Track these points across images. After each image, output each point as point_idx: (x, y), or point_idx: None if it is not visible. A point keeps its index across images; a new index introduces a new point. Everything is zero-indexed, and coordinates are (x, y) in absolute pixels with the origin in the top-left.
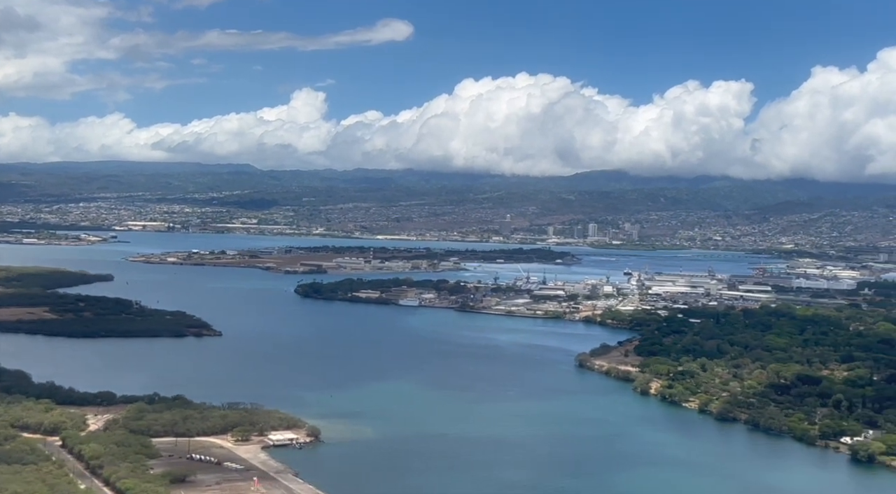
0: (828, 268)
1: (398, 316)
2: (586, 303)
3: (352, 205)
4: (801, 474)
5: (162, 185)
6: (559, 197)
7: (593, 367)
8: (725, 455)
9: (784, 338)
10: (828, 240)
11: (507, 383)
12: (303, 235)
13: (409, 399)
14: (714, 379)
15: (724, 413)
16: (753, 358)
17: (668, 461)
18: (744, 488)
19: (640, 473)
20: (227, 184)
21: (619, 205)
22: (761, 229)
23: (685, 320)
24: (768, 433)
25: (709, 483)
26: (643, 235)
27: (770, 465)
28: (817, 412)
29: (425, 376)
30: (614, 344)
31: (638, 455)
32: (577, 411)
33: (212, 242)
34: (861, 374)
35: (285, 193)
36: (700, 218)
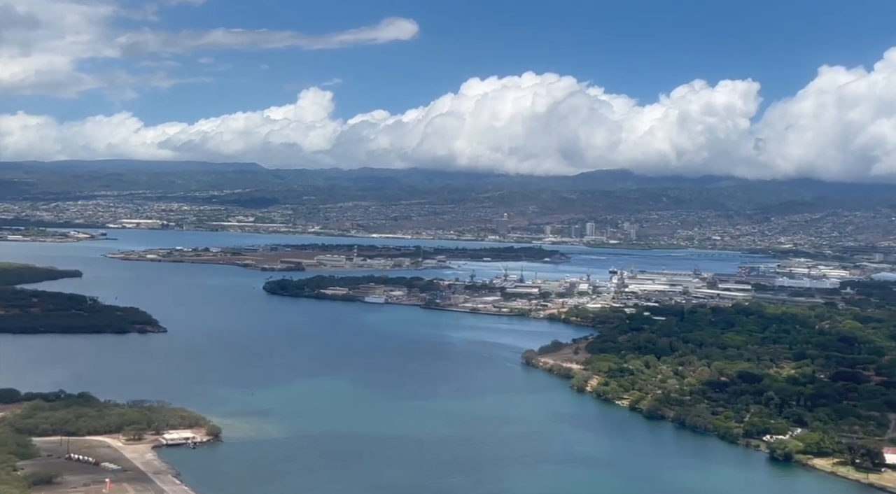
0: (819, 268)
1: (360, 313)
2: (557, 301)
3: (351, 203)
4: (712, 473)
5: (165, 184)
6: (560, 196)
7: (538, 365)
8: (640, 453)
9: (743, 336)
10: (827, 240)
11: (443, 381)
12: (298, 233)
13: (332, 396)
14: (656, 376)
15: (652, 411)
16: (704, 355)
17: (577, 459)
18: (650, 487)
19: (539, 472)
20: (231, 183)
21: (620, 205)
22: (761, 229)
23: (649, 318)
24: (694, 431)
25: (612, 483)
26: (642, 234)
27: (684, 464)
28: (749, 410)
29: (360, 373)
30: (569, 342)
31: (547, 454)
32: (503, 409)
33: (202, 240)
34: (805, 372)
35: (286, 192)
36: (701, 217)
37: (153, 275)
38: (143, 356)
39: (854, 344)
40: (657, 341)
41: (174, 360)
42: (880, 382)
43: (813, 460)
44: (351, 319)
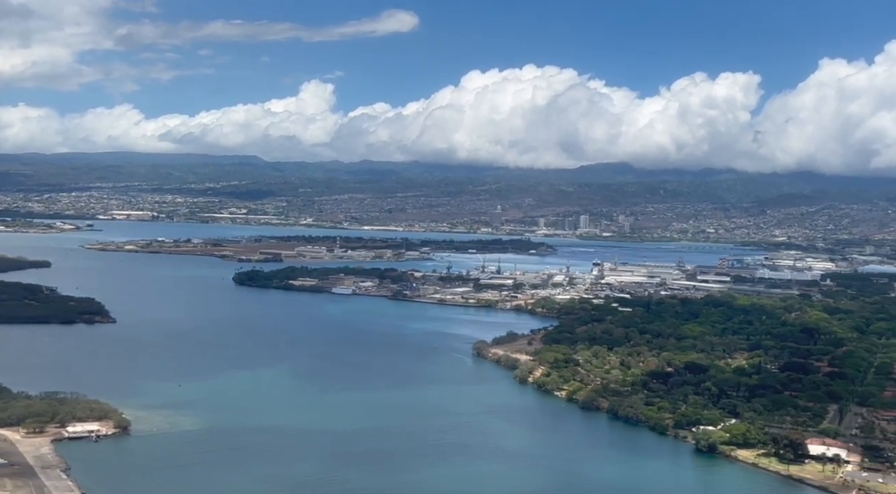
0: (806, 260)
1: (324, 303)
2: (529, 293)
3: (347, 196)
4: (630, 465)
5: (162, 176)
6: (558, 189)
7: (488, 356)
8: (562, 445)
9: (704, 327)
10: (822, 233)
11: (385, 372)
12: (290, 225)
13: (264, 388)
14: (602, 366)
15: (588, 403)
16: (657, 346)
17: (497, 452)
18: (563, 480)
19: (454, 465)
20: (229, 175)
21: (618, 198)
22: (757, 222)
23: (615, 309)
24: (627, 422)
25: (525, 475)
26: (637, 227)
27: (604, 456)
28: (687, 400)
29: (302, 364)
30: (527, 333)
31: (467, 447)
32: (438, 400)
33: (189, 231)
34: (755, 363)
35: (283, 185)
36: (697, 210)
37: (124, 266)
38: (80, 346)
39: (815, 335)
40: (614, 332)
41: (112, 351)
42: (830, 373)
43: (737, 451)
44: (312, 310)
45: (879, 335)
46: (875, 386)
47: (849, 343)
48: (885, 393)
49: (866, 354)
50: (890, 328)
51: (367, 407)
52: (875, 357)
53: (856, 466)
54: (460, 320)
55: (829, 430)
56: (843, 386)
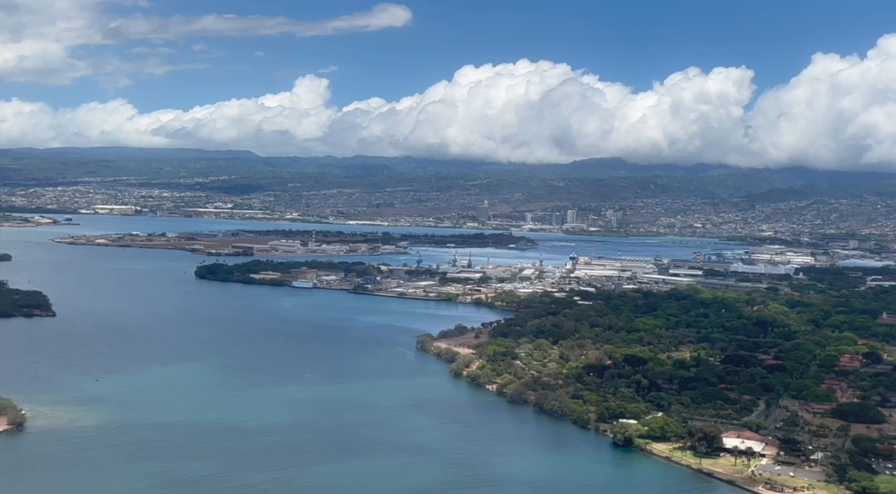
0: (786, 254)
1: (281, 297)
2: (494, 286)
3: (336, 190)
4: (540, 460)
5: (152, 170)
6: (548, 184)
7: (430, 349)
8: (479, 440)
9: (659, 320)
10: (809, 228)
11: (318, 365)
12: (275, 219)
13: (186, 383)
14: (543, 359)
15: (515, 396)
16: (604, 339)
17: (407, 448)
18: (465, 475)
19: (357, 462)
20: (219, 170)
21: (608, 193)
22: (745, 216)
23: (574, 302)
24: (551, 416)
25: (428, 471)
26: (625, 222)
27: (517, 451)
28: (617, 393)
29: (234, 358)
30: (478, 326)
31: (377, 443)
32: (363, 395)
33: (169, 225)
34: (699, 355)
35: (272, 179)
36: (686, 205)
37: (88, 260)
38: (5, 341)
39: (768, 328)
40: (564, 325)
41: (39, 345)
42: (771, 365)
43: (652, 445)
44: (265, 303)
45: (835, 328)
46: (814, 379)
47: (801, 336)
48: (822, 386)
49: (814, 347)
50: (847, 321)
51: (288, 401)
52: (824, 350)
53: (771, 459)
54: (416, 314)
55: (752, 423)
56: (780, 379)
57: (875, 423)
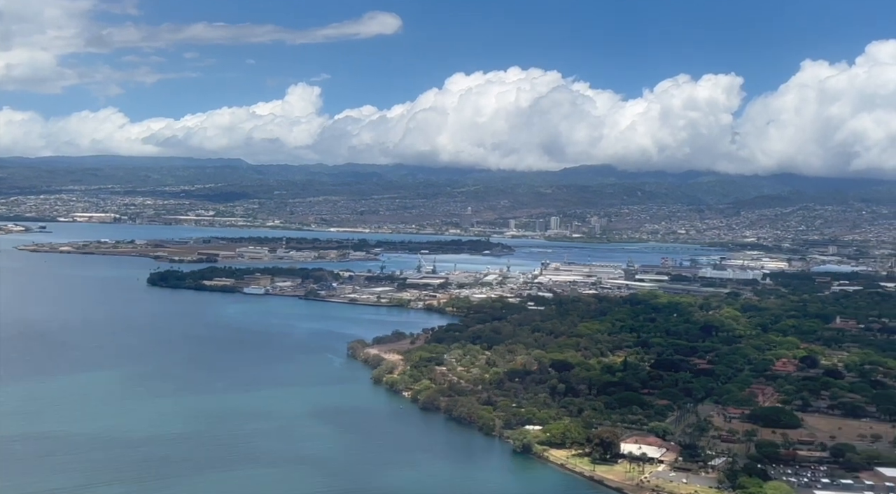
0: (763, 260)
1: (229, 303)
2: (453, 291)
3: (322, 198)
4: (434, 469)
5: (139, 179)
6: (535, 191)
7: (360, 356)
8: (374, 449)
9: (605, 324)
10: (793, 234)
11: (236, 373)
12: (256, 227)
13: (86, 392)
14: (471, 365)
15: (428, 403)
16: (539, 344)
17: (291, 459)
18: (344, 486)
19: (227, 474)
20: (208, 178)
21: (595, 199)
22: (729, 223)
23: (525, 307)
24: (460, 423)
25: (304, 482)
26: (609, 228)
27: (412, 460)
28: (533, 399)
29: (148, 366)
30: (418, 332)
31: (260, 454)
32: (269, 403)
33: (145, 232)
34: (629, 360)
35: (259, 187)
36: (671, 211)
37: (43, 267)
38: None
39: (712, 332)
40: (503, 329)
41: None
42: (702, 369)
43: (550, 451)
44: (210, 309)
45: (782, 332)
46: (740, 384)
47: (744, 340)
48: (747, 391)
49: (753, 352)
50: (796, 325)
51: (186, 411)
52: (762, 354)
53: (668, 466)
54: (360, 319)
55: (658, 429)
56: (703, 384)
57: (790, 428)
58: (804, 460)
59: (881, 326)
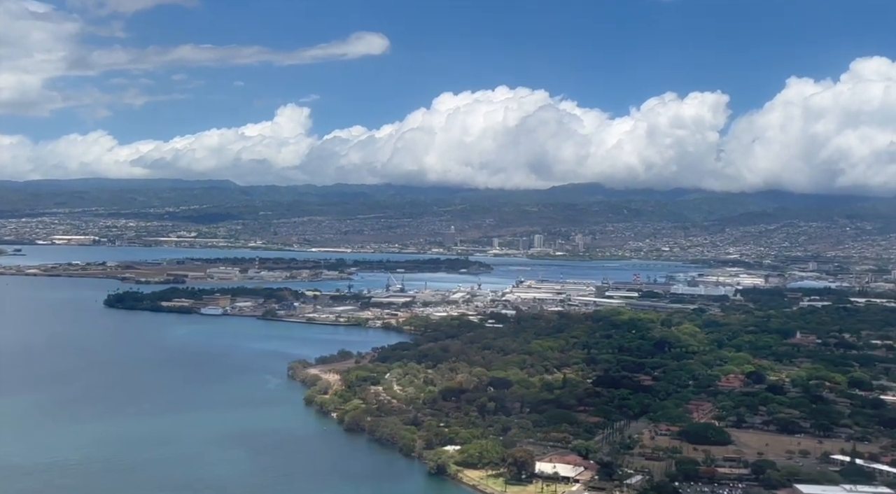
0: (740, 276)
1: (182, 324)
2: (417, 310)
3: (307, 218)
4: (336, 492)
5: (125, 201)
6: (522, 209)
7: (299, 376)
8: (281, 475)
9: (559, 341)
10: (777, 250)
11: (163, 396)
12: (237, 248)
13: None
14: (410, 383)
15: (352, 424)
16: (485, 362)
17: (185, 486)
18: None
19: None
20: (195, 200)
21: (580, 218)
22: (714, 240)
23: (483, 325)
24: (383, 444)
25: None
26: (593, 246)
27: (322, 484)
28: (463, 418)
29: (73, 390)
30: (368, 351)
31: (151, 480)
32: (186, 428)
33: (122, 254)
34: (569, 377)
35: (245, 208)
36: (656, 229)
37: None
38: None
39: (665, 348)
40: (452, 347)
41: None
42: (645, 386)
43: (465, 472)
44: (159, 331)
45: (738, 348)
46: (678, 400)
47: (697, 356)
48: (683, 407)
49: (701, 367)
50: (752, 340)
51: (96, 437)
52: (712, 369)
53: (583, 485)
54: (313, 339)
55: (581, 447)
56: (640, 400)
57: (719, 445)
58: (723, 477)
59: (838, 341)
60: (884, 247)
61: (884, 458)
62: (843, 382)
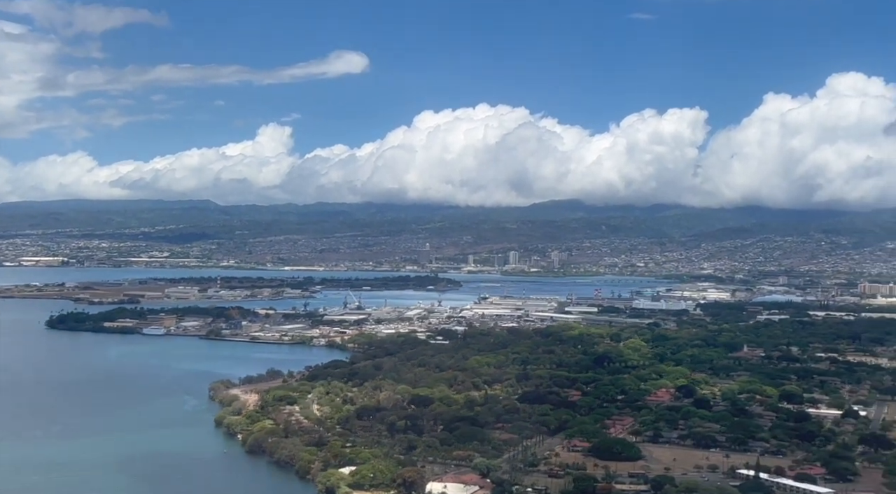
0: (708, 290)
1: (119, 344)
2: (369, 327)
3: (283, 237)
4: None
5: (102, 222)
6: (500, 226)
7: (219, 397)
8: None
9: (499, 357)
10: (751, 265)
11: (71, 419)
12: (209, 267)
13: None
14: (331, 402)
15: (255, 446)
16: (414, 379)
17: None
18: None
19: None
20: (173, 220)
21: (558, 234)
22: (689, 255)
23: (427, 341)
24: (282, 466)
25: None
26: (569, 262)
27: None
28: (370, 438)
29: None
30: (300, 369)
31: None
32: (79, 453)
33: (87, 275)
34: (483, 394)
35: (221, 227)
36: (633, 245)
37: None
38: None
39: (604, 363)
40: (384, 365)
41: None
42: (570, 401)
43: (356, 493)
44: (92, 352)
45: (679, 362)
46: (600, 415)
47: (637, 370)
48: (602, 423)
49: (634, 382)
50: (694, 354)
51: None
52: (645, 384)
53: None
54: (251, 358)
55: (481, 465)
56: (559, 416)
57: (630, 460)
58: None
59: (782, 354)
60: (857, 261)
61: (790, 472)
62: (775, 395)
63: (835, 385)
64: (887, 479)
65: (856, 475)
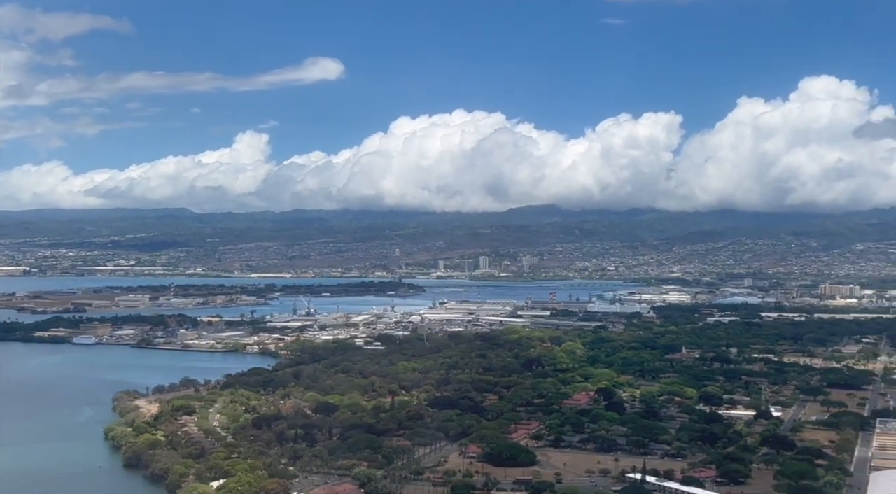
0: (670, 293)
1: (43, 354)
2: (312, 334)
3: (254, 244)
4: None
5: (73, 231)
6: (474, 231)
7: (121, 407)
8: None
9: (428, 362)
10: (721, 268)
11: None
12: (176, 275)
13: None
14: (232, 412)
15: (133, 459)
16: (328, 387)
17: None
18: None
19: None
20: (147, 228)
21: (532, 239)
22: (659, 258)
23: (360, 347)
24: (156, 480)
25: None
26: (539, 266)
27: None
28: (255, 448)
29: None
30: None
31: None
32: None
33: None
34: (407, 399)
35: (193, 235)
36: (605, 248)
37: None
38: None
39: (533, 366)
40: (304, 372)
41: None
42: (481, 407)
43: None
44: (11, 363)
45: (610, 364)
46: (507, 420)
47: (565, 373)
48: (507, 428)
49: (554, 385)
50: (627, 357)
51: None
52: (567, 387)
53: None
54: (175, 367)
55: (361, 475)
56: (463, 421)
57: (525, 465)
58: None
59: (716, 356)
60: (826, 263)
61: (677, 475)
62: (694, 397)
63: (759, 386)
64: (777, 481)
65: (748, 477)
